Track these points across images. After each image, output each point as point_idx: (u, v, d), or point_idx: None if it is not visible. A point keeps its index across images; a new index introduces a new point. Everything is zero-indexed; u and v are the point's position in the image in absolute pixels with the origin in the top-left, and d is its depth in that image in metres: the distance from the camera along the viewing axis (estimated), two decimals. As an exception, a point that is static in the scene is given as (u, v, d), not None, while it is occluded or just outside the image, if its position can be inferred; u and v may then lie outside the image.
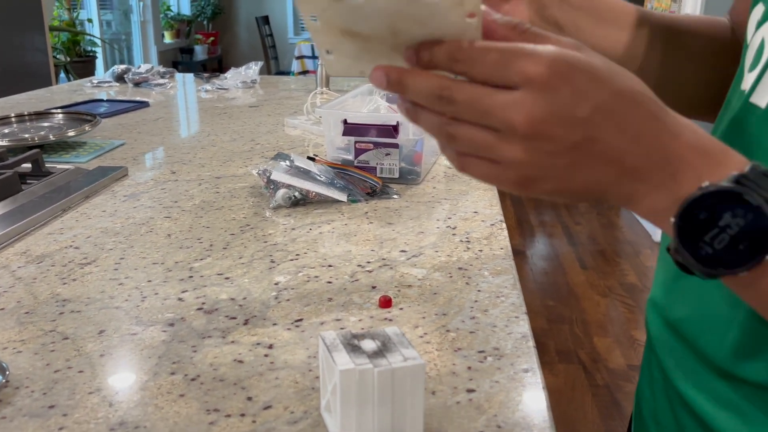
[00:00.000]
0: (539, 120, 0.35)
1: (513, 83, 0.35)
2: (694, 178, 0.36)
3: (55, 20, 4.38)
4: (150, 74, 2.11)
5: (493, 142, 0.37)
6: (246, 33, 7.81)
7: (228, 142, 1.35)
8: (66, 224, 0.89)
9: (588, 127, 0.36)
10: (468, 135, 0.37)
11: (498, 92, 0.36)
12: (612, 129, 0.36)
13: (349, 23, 0.38)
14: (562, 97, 0.35)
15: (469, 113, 0.37)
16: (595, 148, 0.36)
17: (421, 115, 0.39)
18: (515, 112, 0.35)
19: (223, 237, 0.84)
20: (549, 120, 0.35)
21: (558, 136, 0.36)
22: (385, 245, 0.81)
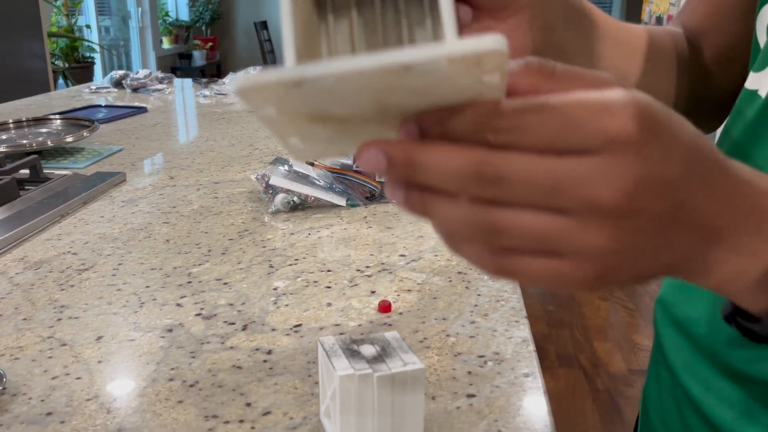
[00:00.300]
0: (633, 191, 0.27)
1: (588, 147, 0.26)
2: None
3: (53, 26, 4.38)
4: (148, 80, 2.11)
5: (565, 230, 0.27)
6: (245, 38, 7.81)
7: (226, 147, 1.34)
8: (64, 230, 0.88)
9: (678, 191, 0.28)
10: (524, 224, 0.27)
11: (569, 161, 0.26)
12: (698, 189, 0.29)
13: (320, 107, 0.28)
14: (655, 158, 0.27)
15: (528, 193, 0.27)
16: (680, 214, 0.29)
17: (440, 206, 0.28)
18: (602, 185, 0.26)
19: (222, 242, 0.83)
20: (643, 189, 0.27)
21: (650, 208, 0.28)
22: (385, 249, 0.81)
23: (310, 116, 0.29)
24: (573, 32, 0.48)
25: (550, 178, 0.26)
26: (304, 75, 0.24)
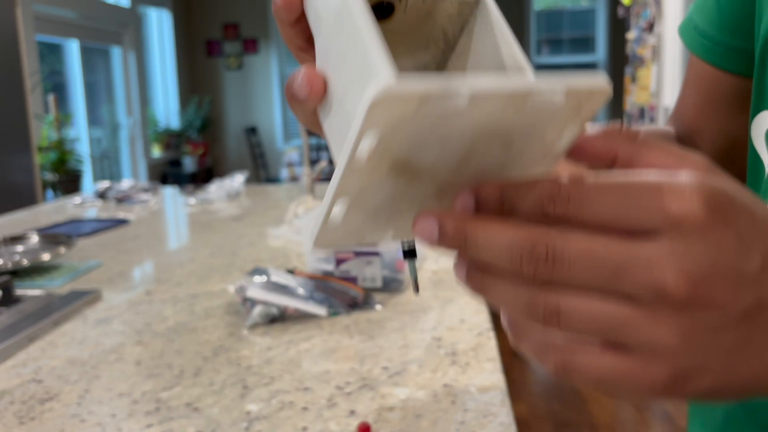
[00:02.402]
0: (701, 278, 0.24)
1: (652, 228, 0.24)
2: None
3: (44, 140, 4.45)
4: (133, 190, 2.11)
5: (632, 318, 0.25)
6: (235, 143, 7.97)
7: (207, 257, 1.32)
8: (31, 355, 0.84)
9: (761, 287, 0.25)
10: (585, 309, 0.25)
11: (632, 242, 0.24)
12: None
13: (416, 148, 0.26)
14: (727, 246, 0.24)
15: (587, 275, 0.24)
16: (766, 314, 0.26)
17: (498, 286, 0.27)
18: (667, 269, 0.24)
19: (195, 362, 0.79)
20: (714, 277, 0.24)
21: (725, 302, 0.24)
22: (367, 362, 0.77)
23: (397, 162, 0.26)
24: None
25: (611, 259, 0.24)
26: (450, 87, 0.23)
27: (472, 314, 0.92)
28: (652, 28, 3.33)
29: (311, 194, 1.97)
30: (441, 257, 1.25)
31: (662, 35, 3.19)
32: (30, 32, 4.47)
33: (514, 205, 0.26)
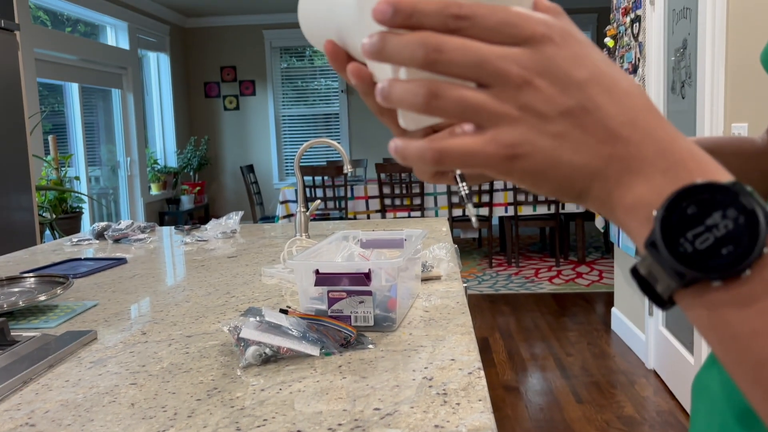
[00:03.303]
0: (534, 72, 0.33)
1: (515, 41, 0.33)
2: (687, 178, 0.33)
3: (42, 180, 4.48)
4: (130, 230, 2.13)
5: (485, 101, 0.33)
6: (232, 181, 8.02)
7: (202, 296, 1.33)
8: (25, 398, 0.85)
9: (584, 94, 0.33)
10: (456, 93, 0.33)
11: (494, 46, 0.33)
12: (608, 105, 0.34)
13: None
14: (561, 56, 0.33)
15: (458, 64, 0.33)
16: (588, 119, 0.33)
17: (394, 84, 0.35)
18: (511, 62, 0.33)
19: (189, 404, 0.80)
20: (544, 74, 0.33)
21: (552, 95, 0.33)
22: (359, 403, 0.78)
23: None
24: None
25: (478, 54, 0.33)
26: None
27: (462, 353, 0.93)
28: (636, 70, 3.40)
29: (305, 233, 1.99)
30: (432, 296, 1.26)
31: (645, 77, 3.25)
32: (31, 75, 4.54)
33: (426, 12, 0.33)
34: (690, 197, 0.32)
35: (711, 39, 2.42)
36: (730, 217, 0.32)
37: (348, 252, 1.28)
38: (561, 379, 3.18)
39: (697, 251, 0.32)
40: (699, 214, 0.32)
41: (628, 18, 3.50)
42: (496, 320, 4.15)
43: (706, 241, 0.32)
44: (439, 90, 0.33)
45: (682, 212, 0.32)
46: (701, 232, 0.32)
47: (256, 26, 7.76)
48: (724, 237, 0.32)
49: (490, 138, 0.34)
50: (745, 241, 0.31)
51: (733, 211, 0.32)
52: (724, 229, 0.32)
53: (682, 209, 0.32)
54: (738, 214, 0.32)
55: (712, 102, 2.43)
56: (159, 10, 7.03)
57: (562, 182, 0.35)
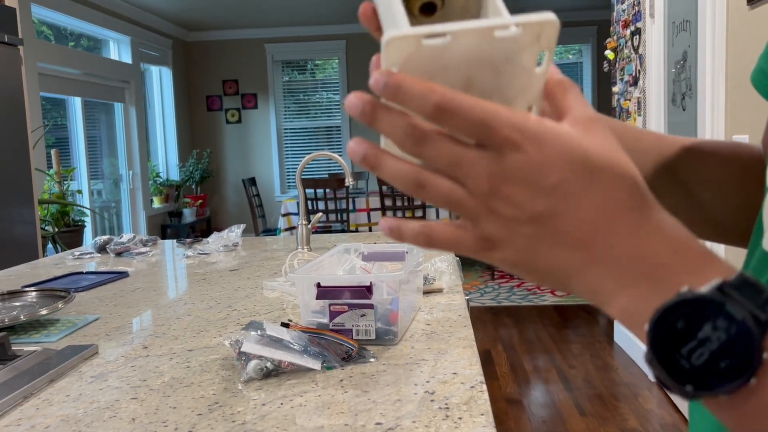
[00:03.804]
0: (502, 179, 0.34)
1: (488, 144, 0.34)
2: (672, 283, 0.33)
3: (45, 193, 4.49)
4: (131, 243, 2.13)
5: (462, 198, 0.35)
6: (234, 194, 8.03)
7: (204, 310, 1.33)
8: (25, 413, 0.84)
9: (552, 201, 0.34)
10: (440, 187, 0.35)
11: (470, 148, 0.34)
12: (579, 208, 0.34)
13: (427, 77, 0.35)
14: (531, 163, 0.34)
15: (439, 163, 0.35)
16: (558, 224, 0.34)
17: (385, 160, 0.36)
18: (482, 169, 0.34)
19: (190, 418, 0.80)
20: (512, 181, 0.34)
21: (520, 202, 0.34)
22: (360, 417, 0.77)
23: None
24: None
25: (454, 155, 0.34)
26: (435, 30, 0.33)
27: (464, 366, 0.93)
28: (636, 83, 3.41)
29: (307, 245, 1.99)
30: (434, 309, 1.26)
31: (646, 89, 3.26)
32: (34, 89, 4.56)
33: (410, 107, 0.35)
34: (676, 311, 0.32)
35: (711, 51, 2.42)
36: (721, 328, 0.31)
37: (349, 265, 1.28)
38: (564, 391, 3.16)
39: (695, 367, 0.31)
40: (689, 328, 0.31)
41: (629, 30, 3.52)
42: (499, 332, 4.14)
43: (702, 356, 0.31)
44: (425, 181, 0.35)
45: (671, 327, 0.32)
46: (695, 346, 0.31)
47: (257, 40, 7.80)
48: (720, 350, 0.31)
49: (471, 231, 0.36)
50: (742, 352, 0.31)
51: (722, 322, 0.31)
52: (718, 341, 0.31)
53: (671, 324, 0.32)
54: (728, 324, 0.31)
55: (713, 114, 2.44)
56: (161, 25, 7.07)
57: (541, 276, 0.36)
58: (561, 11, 7.43)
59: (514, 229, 0.35)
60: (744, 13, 2.25)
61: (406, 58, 0.34)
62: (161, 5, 6.44)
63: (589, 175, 0.34)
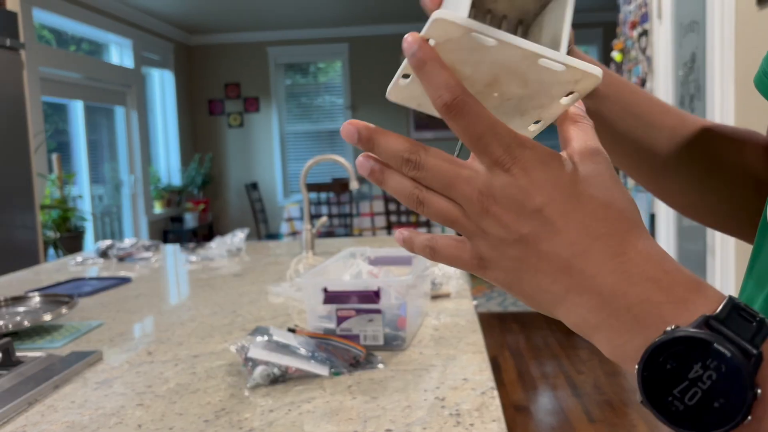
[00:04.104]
0: (492, 199, 0.35)
1: (482, 160, 0.35)
2: (656, 317, 0.32)
3: (46, 198, 4.48)
4: (134, 248, 2.12)
5: (457, 216, 0.36)
6: (236, 199, 8.02)
7: (208, 315, 1.31)
8: (30, 420, 0.83)
9: (536, 223, 0.34)
10: (435, 205, 0.37)
11: (464, 168, 0.36)
12: (561, 233, 0.34)
13: (458, 61, 0.36)
14: (516, 185, 0.35)
15: (434, 182, 0.36)
16: (542, 247, 0.35)
17: (389, 176, 0.38)
18: (474, 188, 0.35)
19: (196, 425, 0.78)
20: (500, 202, 0.35)
21: (507, 222, 0.35)
22: (369, 424, 0.76)
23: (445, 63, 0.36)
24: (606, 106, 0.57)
25: (448, 174, 0.36)
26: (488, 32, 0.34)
27: (474, 372, 0.91)
28: (644, 84, 3.39)
29: (311, 250, 1.97)
30: (442, 314, 1.24)
31: (654, 91, 3.24)
32: (35, 94, 4.56)
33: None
34: (664, 352, 0.31)
35: (720, 52, 2.41)
36: (712, 368, 0.30)
37: (356, 269, 1.26)
38: (572, 397, 3.14)
39: (689, 408, 0.31)
40: (679, 369, 0.31)
41: (636, 32, 3.50)
42: (506, 339, 4.12)
43: (695, 396, 0.31)
44: (425, 199, 0.37)
45: (661, 369, 0.31)
46: (687, 387, 0.31)
47: (260, 43, 7.80)
48: (712, 390, 0.30)
49: (467, 248, 0.37)
50: (734, 391, 0.30)
51: (712, 361, 0.30)
52: (709, 380, 0.30)
53: (661, 365, 0.31)
54: (718, 362, 0.30)
55: (722, 115, 2.42)
56: (163, 28, 7.07)
57: (530, 300, 0.37)
58: (563, 14, 7.41)
59: (502, 251, 0.36)
60: (753, 13, 2.24)
61: (447, 39, 0.35)
62: (163, 8, 6.44)
63: (574, 200, 0.34)
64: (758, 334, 0.31)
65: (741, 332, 0.31)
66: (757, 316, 0.31)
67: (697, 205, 0.62)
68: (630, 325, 0.33)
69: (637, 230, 0.35)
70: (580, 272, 0.34)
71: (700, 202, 0.61)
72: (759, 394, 0.30)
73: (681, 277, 0.33)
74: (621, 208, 0.35)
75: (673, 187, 0.62)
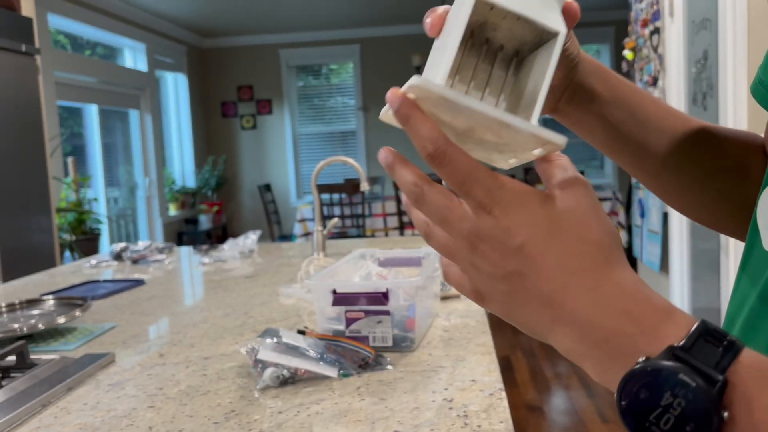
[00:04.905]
0: (478, 238, 0.37)
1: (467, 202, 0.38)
2: (629, 348, 0.34)
3: (62, 201, 4.53)
4: (147, 251, 2.13)
5: (455, 250, 0.39)
6: (249, 200, 8.05)
7: (220, 317, 1.33)
8: (44, 422, 0.84)
9: (518, 261, 0.37)
10: (438, 239, 0.41)
11: (459, 206, 0.38)
12: (542, 268, 0.36)
13: (437, 110, 0.39)
14: (498, 226, 0.37)
15: (434, 217, 0.39)
16: (526, 283, 0.37)
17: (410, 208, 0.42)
18: (462, 226, 0.38)
19: (207, 427, 0.79)
20: (486, 241, 0.37)
21: (494, 260, 0.37)
22: (378, 425, 0.76)
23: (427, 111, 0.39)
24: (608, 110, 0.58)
25: (443, 212, 0.39)
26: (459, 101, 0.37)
27: (483, 374, 0.92)
28: (656, 82, 3.37)
29: (323, 251, 1.98)
30: (451, 315, 1.25)
31: (666, 89, 3.22)
32: (51, 98, 4.61)
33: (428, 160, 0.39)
34: (636, 382, 0.33)
35: (732, 49, 2.39)
36: (680, 395, 0.32)
37: (365, 271, 1.27)
38: (586, 398, 3.13)
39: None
40: (651, 397, 0.33)
41: (647, 30, 3.48)
42: (518, 338, 4.11)
43: (669, 422, 0.33)
44: (430, 234, 0.41)
45: (636, 397, 0.33)
46: (661, 413, 0.33)
47: (272, 45, 7.83)
48: (683, 415, 0.32)
49: (467, 280, 0.41)
50: (703, 415, 0.32)
51: (680, 389, 0.32)
52: (679, 407, 0.32)
53: (636, 394, 0.33)
54: (685, 390, 0.32)
55: (735, 113, 2.40)
56: (176, 31, 7.12)
57: (524, 326, 0.39)
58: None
59: (493, 285, 0.39)
60: (766, 10, 2.22)
61: (425, 97, 0.38)
62: (176, 12, 6.48)
63: (551, 236, 0.37)
64: (723, 358, 0.33)
65: (706, 359, 0.33)
66: (725, 338, 0.33)
67: (697, 206, 0.62)
68: (609, 354, 0.35)
69: (611, 262, 0.37)
70: (560, 305, 0.36)
71: (699, 203, 0.62)
72: (726, 417, 0.32)
73: (651, 308, 0.35)
74: (596, 241, 0.37)
75: (672, 187, 0.62)
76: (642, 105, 0.59)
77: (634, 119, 0.58)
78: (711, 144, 0.60)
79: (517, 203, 0.37)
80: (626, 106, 0.58)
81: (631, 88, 0.59)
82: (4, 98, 3.03)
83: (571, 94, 0.56)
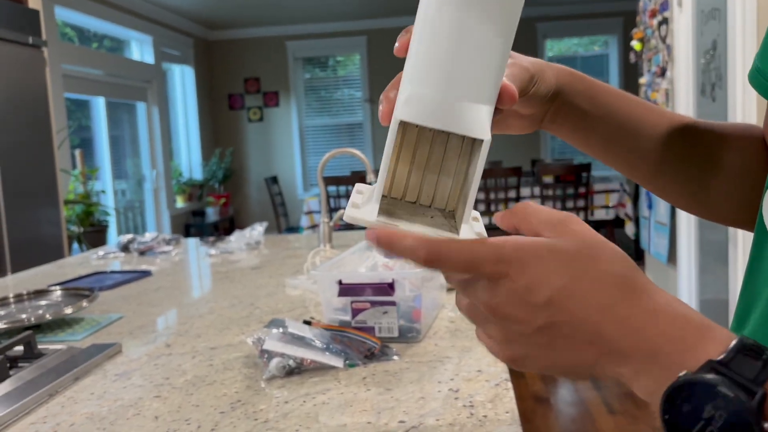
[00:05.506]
0: (499, 305, 0.38)
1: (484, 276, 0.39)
2: (673, 365, 0.35)
3: (70, 194, 4.55)
4: (155, 242, 2.14)
5: (482, 320, 0.41)
6: (256, 192, 8.06)
7: (226, 308, 1.33)
8: (51, 411, 0.85)
9: (549, 313, 0.37)
10: (463, 304, 0.42)
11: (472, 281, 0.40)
12: (575, 313, 0.37)
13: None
14: (518, 286, 0.38)
15: (454, 286, 0.41)
16: (563, 331, 0.38)
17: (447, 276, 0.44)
18: (480, 299, 0.39)
19: (213, 416, 0.79)
20: (509, 304, 0.38)
21: (522, 319, 0.38)
22: (383, 415, 0.76)
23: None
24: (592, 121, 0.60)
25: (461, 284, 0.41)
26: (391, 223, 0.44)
27: (489, 364, 0.91)
28: (664, 73, 3.35)
29: (329, 243, 1.98)
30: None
31: (674, 80, 3.20)
32: (58, 91, 4.62)
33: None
34: (678, 395, 0.34)
35: (741, 40, 2.37)
36: (721, 407, 0.33)
37: (371, 262, 1.26)
38: (593, 389, 3.12)
39: None
40: (694, 410, 0.34)
41: (656, 20, 3.46)
42: (523, 329, 4.11)
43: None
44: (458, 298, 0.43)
45: (679, 411, 0.34)
46: (703, 426, 0.34)
47: (278, 37, 7.82)
48: (723, 427, 0.33)
49: (499, 349, 0.42)
50: (743, 426, 0.33)
51: (721, 401, 0.33)
52: (721, 419, 0.33)
53: (679, 407, 0.34)
54: (726, 402, 0.33)
55: (744, 104, 2.39)
56: (183, 24, 7.12)
57: (570, 373, 0.40)
58: (587, 2, 7.34)
59: (527, 342, 0.39)
60: (773, 0, 2.20)
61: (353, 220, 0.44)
62: (182, 4, 6.48)
63: (573, 281, 0.38)
64: (762, 371, 0.33)
65: (745, 372, 0.33)
66: (764, 353, 0.34)
67: (696, 204, 0.62)
68: (654, 374, 0.36)
69: (641, 285, 0.38)
70: (600, 339, 0.37)
71: (696, 202, 0.62)
72: (766, 428, 0.32)
73: (689, 325, 0.36)
74: (616, 273, 0.38)
75: (670, 187, 0.62)
76: (632, 114, 0.60)
77: (623, 130, 0.60)
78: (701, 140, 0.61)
79: (528, 259, 0.38)
80: (615, 119, 0.59)
81: (620, 99, 0.60)
82: (11, 91, 3.04)
83: (554, 115, 0.58)
